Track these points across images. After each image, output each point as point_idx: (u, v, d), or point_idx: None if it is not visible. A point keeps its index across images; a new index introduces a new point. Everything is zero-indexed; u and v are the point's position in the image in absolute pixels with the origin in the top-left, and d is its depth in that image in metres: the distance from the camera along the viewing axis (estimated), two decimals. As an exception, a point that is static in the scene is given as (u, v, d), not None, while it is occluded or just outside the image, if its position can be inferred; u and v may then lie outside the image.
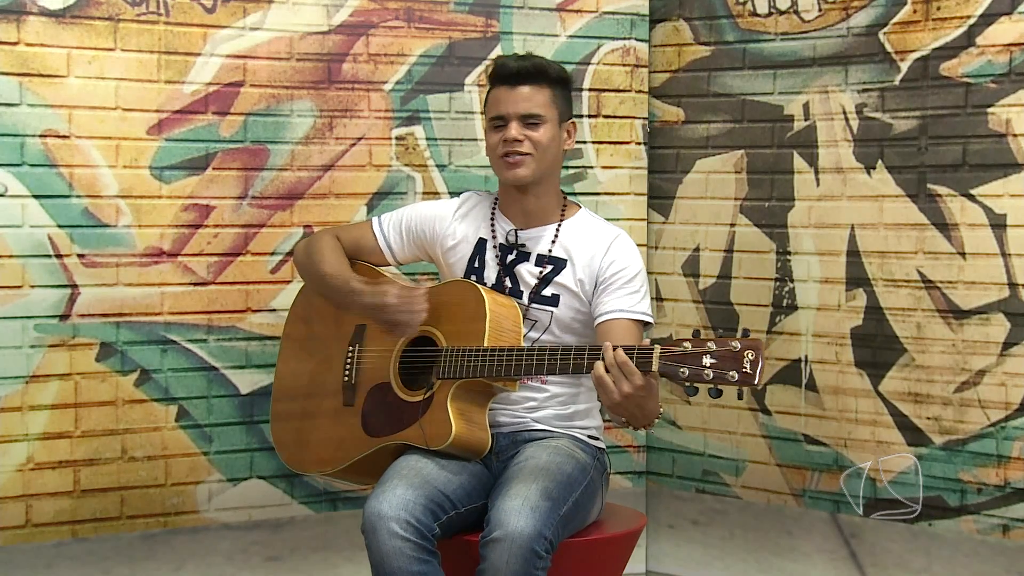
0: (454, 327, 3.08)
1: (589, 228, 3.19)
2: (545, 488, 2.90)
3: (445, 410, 3.01)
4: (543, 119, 3.12)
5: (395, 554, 2.83)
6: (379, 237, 3.31)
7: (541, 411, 3.17)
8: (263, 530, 3.82)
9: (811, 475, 3.99)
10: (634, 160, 4.17)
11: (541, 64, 3.17)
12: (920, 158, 3.78)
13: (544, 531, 2.83)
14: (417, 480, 2.93)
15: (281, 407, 3.40)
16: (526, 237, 3.19)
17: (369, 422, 3.16)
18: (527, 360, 2.95)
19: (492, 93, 3.18)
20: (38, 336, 3.53)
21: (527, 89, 3.13)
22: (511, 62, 3.16)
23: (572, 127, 3.22)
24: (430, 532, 2.88)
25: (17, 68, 3.46)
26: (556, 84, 3.16)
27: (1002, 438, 3.66)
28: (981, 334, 3.69)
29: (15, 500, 3.53)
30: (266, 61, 3.74)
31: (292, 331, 3.43)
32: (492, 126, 3.16)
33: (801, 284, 3.99)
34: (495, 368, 2.97)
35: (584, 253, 3.15)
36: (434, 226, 3.27)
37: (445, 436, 3.00)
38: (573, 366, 2.89)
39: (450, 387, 3.02)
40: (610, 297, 3.11)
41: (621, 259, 3.13)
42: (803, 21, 3.96)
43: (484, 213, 3.25)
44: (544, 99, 3.13)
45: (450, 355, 3.03)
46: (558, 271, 3.16)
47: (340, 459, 3.21)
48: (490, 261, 3.20)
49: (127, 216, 3.61)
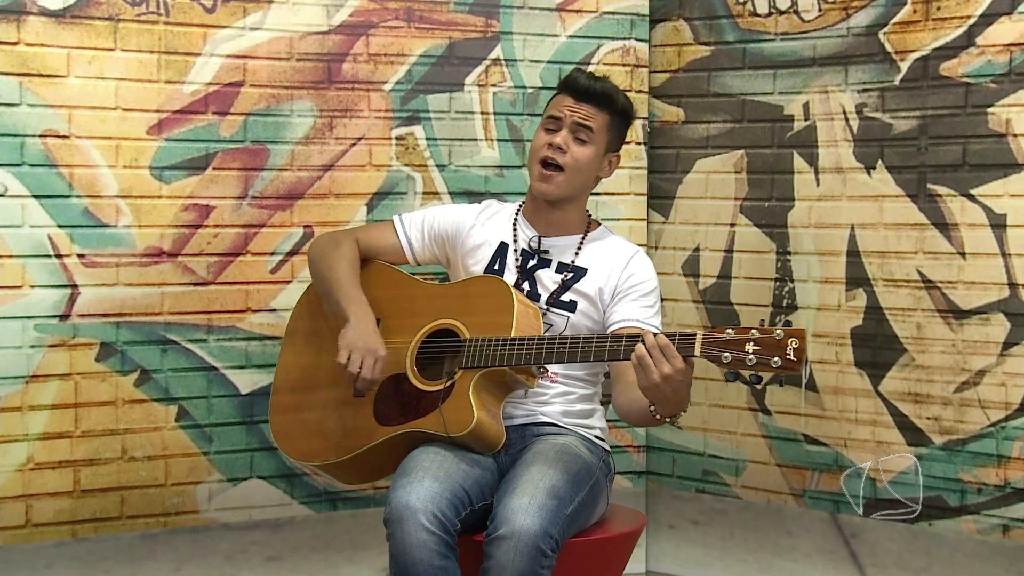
0: (479, 319, 3.10)
1: (611, 243, 3.27)
2: (552, 486, 2.91)
3: (467, 398, 3.02)
4: (593, 139, 3.19)
5: (420, 546, 2.83)
6: (401, 235, 3.34)
7: (550, 405, 3.19)
8: (263, 530, 3.82)
9: (811, 475, 3.99)
10: (634, 160, 4.17)
11: (611, 91, 3.21)
12: (920, 158, 3.78)
13: (550, 530, 2.84)
14: (442, 473, 2.94)
15: (283, 399, 3.39)
16: (549, 244, 3.24)
17: (382, 411, 3.15)
18: (559, 348, 2.96)
19: (556, 99, 3.23)
20: (38, 336, 3.53)
21: (590, 108, 3.18)
22: (584, 79, 3.21)
23: (615, 159, 3.27)
24: (453, 528, 2.89)
25: (17, 68, 3.46)
26: (617, 115, 3.21)
27: (1002, 438, 3.66)
28: (981, 334, 3.69)
29: (15, 500, 3.53)
30: (266, 61, 3.74)
31: (300, 326, 3.42)
32: (544, 127, 3.21)
33: (801, 284, 3.99)
34: (524, 355, 2.99)
35: (605, 265, 3.20)
36: (457, 228, 3.31)
37: (467, 422, 3.00)
38: (610, 352, 2.91)
39: (472, 376, 3.03)
40: (626, 307, 3.16)
41: (640, 273, 3.20)
42: (803, 21, 3.96)
43: (507, 218, 3.31)
44: (602, 123, 3.19)
45: (475, 345, 3.05)
46: (578, 279, 3.20)
47: (345, 448, 3.19)
48: (510, 265, 3.24)
49: (127, 216, 3.61)
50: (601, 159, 3.22)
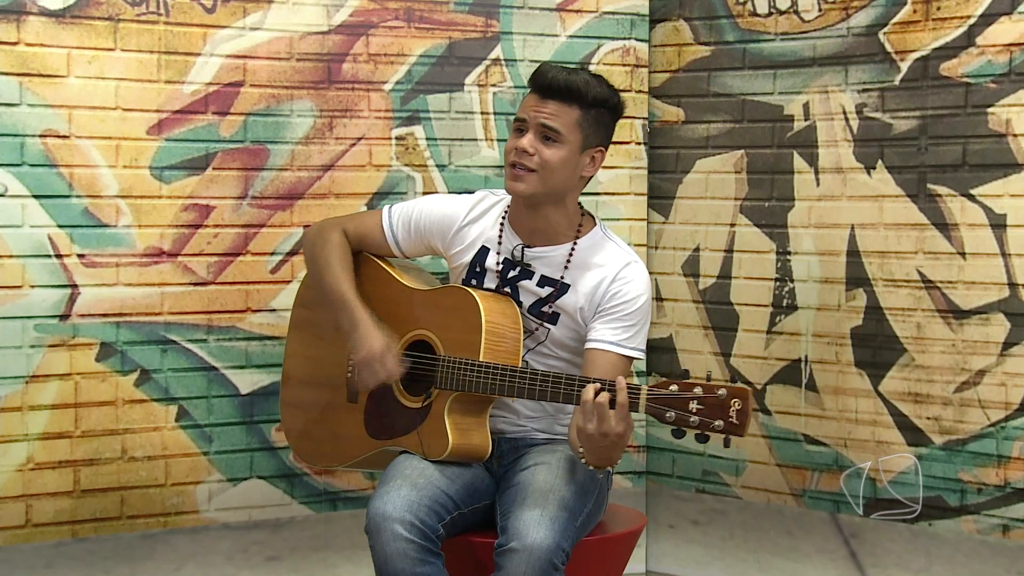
0: (451, 335, 3.06)
1: (603, 254, 3.10)
2: (562, 499, 2.89)
3: (442, 421, 3.00)
4: (562, 138, 2.99)
5: (399, 555, 2.82)
6: (387, 231, 3.25)
7: (543, 420, 3.16)
8: (263, 530, 3.82)
9: (811, 475, 3.99)
10: (634, 160, 4.17)
11: (577, 84, 2.99)
12: (920, 158, 3.78)
13: (562, 543, 2.82)
14: (421, 480, 2.93)
15: (291, 393, 3.40)
16: (532, 256, 3.11)
17: (371, 423, 3.16)
18: (519, 383, 2.93)
19: (526, 98, 3.07)
20: (38, 336, 3.53)
21: (555, 105, 3.00)
22: (549, 72, 3.01)
23: (599, 154, 3.07)
24: (434, 533, 2.87)
25: (17, 68, 3.46)
26: (590, 107, 3.01)
27: (1002, 438, 3.66)
28: (981, 334, 3.69)
29: (15, 500, 3.53)
30: (266, 61, 3.74)
31: (303, 315, 3.40)
32: (514, 128, 3.06)
33: (801, 284, 3.99)
34: (489, 386, 2.96)
35: (590, 280, 3.07)
36: (443, 227, 3.20)
37: (442, 449, 2.99)
38: (563, 395, 2.88)
39: (448, 398, 3.01)
40: (605, 326, 3.03)
41: (626, 290, 3.04)
42: (803, 21, 3.96)
43: (495, 220, 3.17)
44: (569, 120, 2.99)
45: (447, 365, 3.01)
46: (560, 295, 3.09)
47: (344, 456, 3.22)
48: (491, 271, 3.15)
49: (127, 216, 3.61)
50: (578, 157, 3.02)
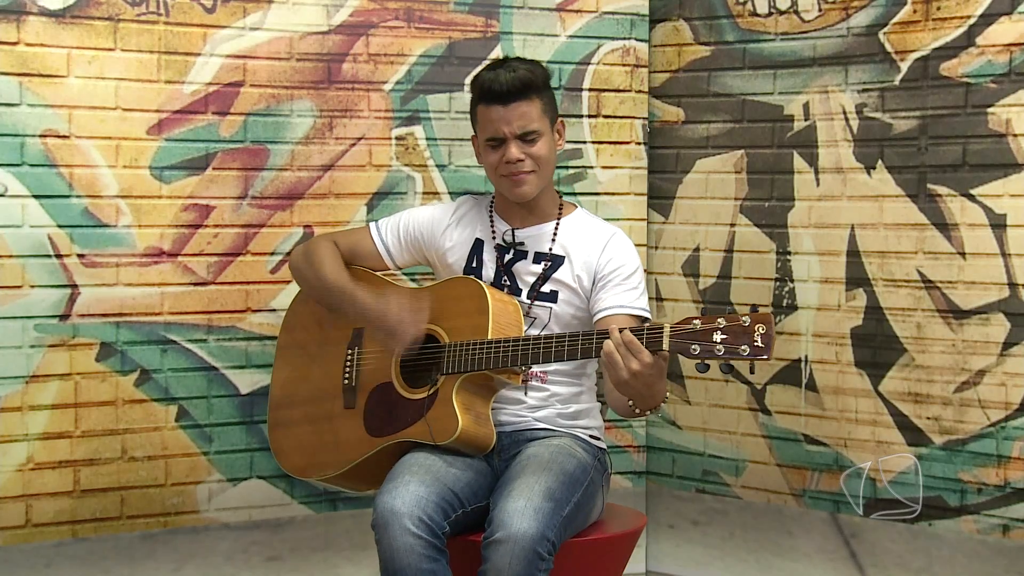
0: (457, 323, 3.08)
1: (586, 226, 3.21)
2: (548, 489, 2.90)
3: (451, 404, 3.01)
4: (540, 133, 3.11)
5: (406, 551, 2.83)
6: (377, 242, 3.31)
7: (543, 410, 3.17)
8: (263, 530, 3.82)
9: (811, 475, 3.99)
10: (634, 160, 4.17)
11: (527, 76, 3.09)
12: (920, 158, 3.78)
13: (547, 533, 2.83)
14: (428, 477, 2.93)
15: (278, 415, 3.41)
16: (523, 236, 3.20)
17: (371, 422, 3.16)
18: (533, 348, 2.95)
19: (483, 112, 3.11)
20: (38, 336, 3.53)
21: (522, 106, 3.08)
22: (501, 77, 3.08)
23: (561, 126, 3.20)
24: (441, 530, 2.88)
25: (17, 68, 3.46)
26: (543, 90, 3.13)
27: (1002, 438, 3.66)
28: (981, 334, 3.69)
29: (15, 500, 3.53)
30: (266, 61, 3.74)
31: (286, 341, 3.44)
32: (489, 146, 3.12)
33: (801, 284, 3.99)
34: (501, 359, 2.97)
35: (582, 251, 3.16)
36: (432, 231, 3.28)
37: (452, 430, 3.00)
38: (581, 350, 2.89)
39: (455, 382, 3.03)
40: (608, 293, 3.12)
41: (618, 256, 3.15)
42: (803, 21, 3.96)
43: (481, 215, 3.26)
44: (537, 112, 3.10)
45: (454, 350, 3.04)
46: (556, 267, 3.17)
47: (342, 462, 3.21)
48: (488, 261, 3.21)
49: (127, 216, 3.61)
50: (552, 137, 3.14)
